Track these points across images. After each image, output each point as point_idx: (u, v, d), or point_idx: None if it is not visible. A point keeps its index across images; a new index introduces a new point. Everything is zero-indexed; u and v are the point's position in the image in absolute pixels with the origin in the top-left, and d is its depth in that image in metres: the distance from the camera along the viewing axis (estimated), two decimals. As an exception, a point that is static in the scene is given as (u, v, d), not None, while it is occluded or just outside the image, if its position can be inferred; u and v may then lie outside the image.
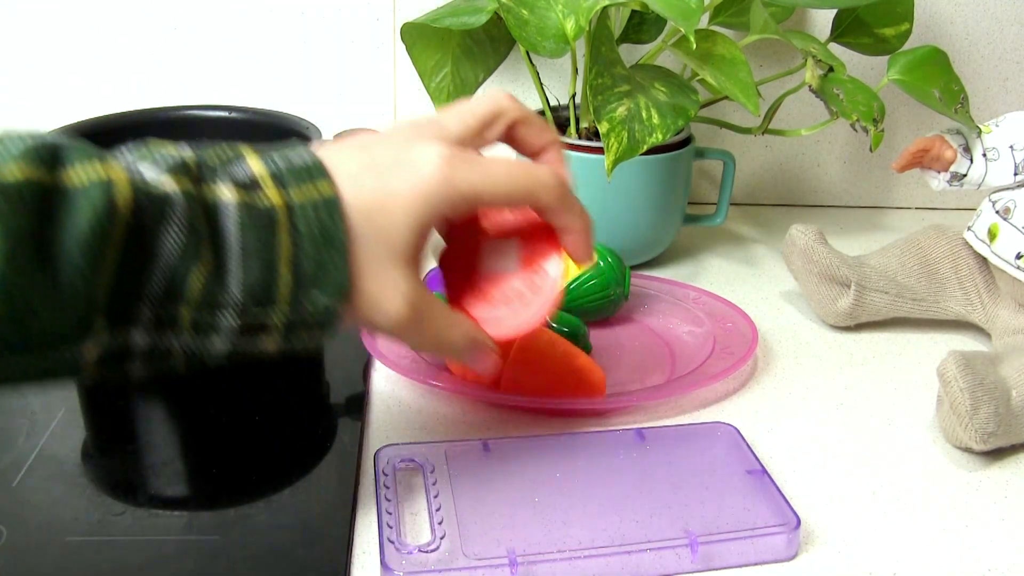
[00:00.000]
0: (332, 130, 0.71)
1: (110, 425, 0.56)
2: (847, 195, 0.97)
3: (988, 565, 0.46)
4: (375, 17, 0.86)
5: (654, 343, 0.65)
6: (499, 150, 0.43)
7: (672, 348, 0.64)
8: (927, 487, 0.52)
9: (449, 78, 0.87)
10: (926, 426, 0.57)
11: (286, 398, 0.47)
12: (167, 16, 0.85)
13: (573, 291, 0.64)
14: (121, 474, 0.51)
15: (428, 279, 0.62)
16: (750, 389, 0.61)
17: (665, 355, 0.63)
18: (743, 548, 0.45)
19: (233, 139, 0.72)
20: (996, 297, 0.66)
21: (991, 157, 0.66)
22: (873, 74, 0.88)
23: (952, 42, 0.90)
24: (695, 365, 0.60)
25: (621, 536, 0.45)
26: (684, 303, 0.69)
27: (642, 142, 0.62)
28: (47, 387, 0.58)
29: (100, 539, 0.45)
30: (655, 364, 0.62)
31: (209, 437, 0.55)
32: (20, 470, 0.50)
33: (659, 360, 0.63)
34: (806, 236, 0.68)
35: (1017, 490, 0.52)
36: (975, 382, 0.52)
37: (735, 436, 0.53)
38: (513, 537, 0.44)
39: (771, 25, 0.68)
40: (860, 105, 0.67)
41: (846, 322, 0.68)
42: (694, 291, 0.71)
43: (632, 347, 0.64)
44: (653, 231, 0.77)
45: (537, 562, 0.43)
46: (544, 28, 0.69)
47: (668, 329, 0.67)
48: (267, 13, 0.85)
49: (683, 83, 0.68)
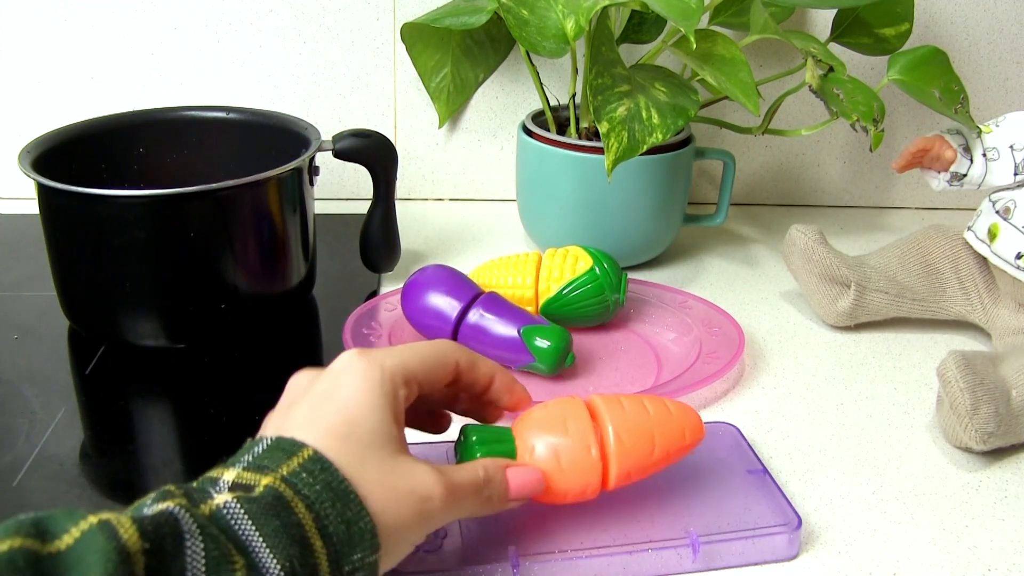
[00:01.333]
0: (331, 130, 0.71)
1: (110, 425, 0.56)
2: (847, 195, 0.97)
3: (988, 565, 0.46)
4: (375, 17, 0.86)
5: (641, 349, 0.65)
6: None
7: (658, 354, 0.64)
8: (927, 487, 0.52)
9: (449, 78, 0.88)
10: (926, 426, 0.57)
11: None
12: (167, 16, 0.85)
13: (568, 297, 0.64)
14: (121, 474, 0.51)
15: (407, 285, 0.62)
16: (750, 389, 0.61)
17: (651, 361, 0.63)
18: (744, 548, 0.45)
19: (233, 139, 0.72)
20: (996, 297, 0.66)
21: (991, 157, 0.66)
22: (873, 74, 0.89)
23: (952, 42, 0.90)
24: (680, 372, 0.60)
25: (622, 536, 0.45)
26: (672, 308, 0.69)
27: (642, 142, 0.62)
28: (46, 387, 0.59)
29: (100, 539, 0.45)
30: (641, 371, 0.62)
31: (209, 437, 0.55)
32: (20, 470, 0.50)
33: (645, 367, 0.63)
34: (806, 236, 0.68)
35: (1017, 490, 0.52)
36: (975, 382, 0.52)
37: (736, 436, 0.53)
38: (514, 537, 0.44)
39: (771, 25, 0.68)
40: (860, 105, 0.67)
41: (846, 322, 0.68)
42: (682, 295, 0.71)
43: (618, 353, 0.64)
44: (653, 231, 0.77)
45: (538, 562, 0.43)
46: (544, 28, 0.69)
47: (655, 335, 0.67)
48: (267, 13, 0.85)
49: (683, 83, 0.68)
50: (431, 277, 0.62)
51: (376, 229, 0.71)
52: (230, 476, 0.35)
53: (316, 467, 0.35)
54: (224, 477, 0.35)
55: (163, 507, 0.32)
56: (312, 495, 0.35)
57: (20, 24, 0.84)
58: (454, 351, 0.43)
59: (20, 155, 0.61)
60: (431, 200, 0.94)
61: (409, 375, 0.40)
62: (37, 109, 0.87)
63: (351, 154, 0.68)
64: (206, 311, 0.61)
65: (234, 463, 0.36)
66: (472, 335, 0.59)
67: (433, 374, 0.42)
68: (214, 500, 0.34)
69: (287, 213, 0.64)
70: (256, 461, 0.36)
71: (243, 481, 0.35)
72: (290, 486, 0.35)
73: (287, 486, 0.35)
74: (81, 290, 0.62)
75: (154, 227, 0.58)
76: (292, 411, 0.39)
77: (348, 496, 0.35)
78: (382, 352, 0.40)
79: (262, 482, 0.35)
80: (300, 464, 0.36)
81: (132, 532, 0.30)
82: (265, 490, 0.34)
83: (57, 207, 0.60)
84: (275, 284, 0.65)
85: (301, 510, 0.34)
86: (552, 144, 0.73)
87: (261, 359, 0.63)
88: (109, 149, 0.69)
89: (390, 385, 0.39)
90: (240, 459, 0.36)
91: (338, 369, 0.40)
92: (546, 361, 0.58)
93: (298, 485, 0.35)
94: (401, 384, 0.40)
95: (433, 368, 0.42)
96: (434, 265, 0.63)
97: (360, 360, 0.39)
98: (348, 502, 0.35)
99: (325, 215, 0.81)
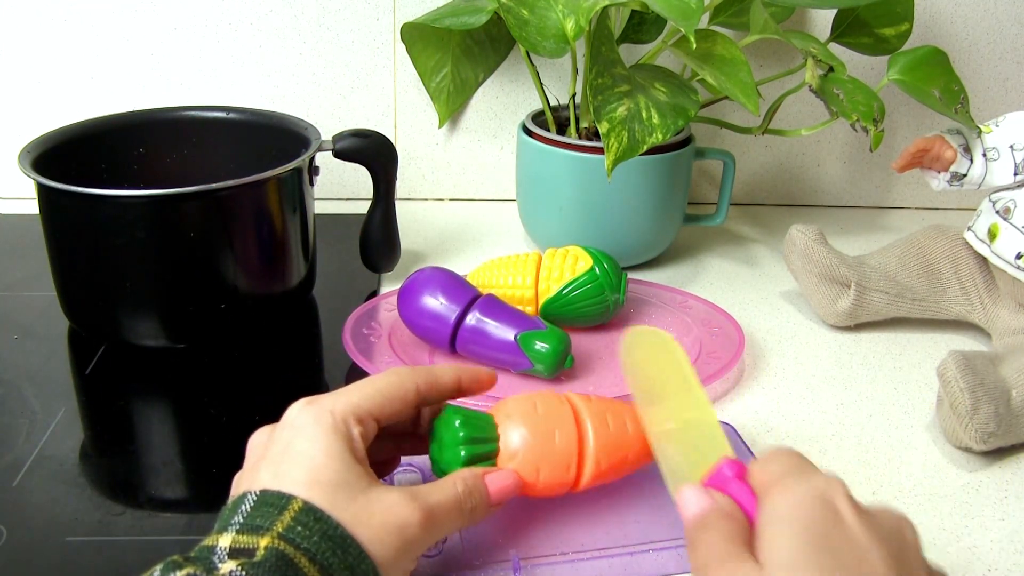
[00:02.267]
0: (331, 130, 0.71)
1: (110, 425, 0.56)
2: (847, 195, 0.97)
3: (988, 565, 0.46)
4: (375, 17, 0.86)
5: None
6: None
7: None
8: (927, 487, 0.52)
9: (449, 78, 0.88)
10: (926, 426, 0.57)
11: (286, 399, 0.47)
12: (167, 16, 0.85)
13: (568, 297, 0.63)
14: (121, 474, 0.51)
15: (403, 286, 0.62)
16: (750, 389, 0.61)
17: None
18: (743, 548, 0.45)
19: (233, 139, 0.72)
20: (996, 297, 0.66)
21: (991, 157, 0.66)
22: (873, 74, 0.88)
23: (952, 42, 0.90)
24: None
25: (623, 537, 0.45)
26: (672, 308, 0.69)
27: (642, 142, 0.62)
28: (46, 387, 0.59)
29: (100, 539, 0.45)
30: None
31: (209, 437, 0.55)
32: (20, 470, 0.50)
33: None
34: (806, 236, 0.68)
35: (1017, 490, 0.52)
36: (975, 382, 0.52)
37: (732, 435, 0.53)
38: (515, 541, 0.44)
39: (771, 25, 0.68)
40: (860, 105, 0.67)
41: (846, 322, 0.68)
42: (682, 295, 0.71)
43: (617, 354, 0.64)
44: (653, 231, 0.77)
45: (540, 564, 0.43)
46: (544, 28, 0.69)
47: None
48: (267, 13, 0.85)
49: (683, 83, 0.68)
50: (428, 280, 0.61)
51: (376, 229, 0.71)
52: (226, 542, 0.35)
53: (309, 518, 0.36)
54: (220, 544, 0.35)
55: (187, 572, 0.33)
56: (312, 547, 0.35)
57: (20, 24, 0.84)
58: (409, 377, 0.43)
59: (20, 155, 0.61)
60: (431, 200, 0.94)
61: (362, 413, 0.40)
62: (37, 109, 0.87)
63: (351, 154, 0.68)
64: (206, 311, 0.61)
65: (225, 527, 0.36)
66: (470, 339, 0.59)
67: (390, 406, 0.42)
68: (219, 571, 0.34)
69: (287, 213, 0.64)
70: (248, 521, 0.36)
71: (241, 545, 0.35)
72: (289, 542, 0.35)
73: (286, 543, 0.35)
74: (81, 290, 0.62)
75: (154, 227, 0.58)
76: (257, 471, 0.39)
77: (346, 542, 0.36)
78: (331, 396, 0.41)
79: (261, 544, 0.35)
80: (293, 517, 0.36)
81: None
82: (267, 552, 0.34)
83: (57, 207, 0.60)
84: (275, 284, 0.65)
85: (305, 564, 0.35)
86: (552, 144, 0.73)
87: (261, 359, 0.63)
88: (109, 149, 0.69)
89: (343, 426, 0.39)
90: (230, 522, 0.36)
91: (290, 422, 0.40)
92: (545, 364, 0.58)
93: (296, 540, 0.35)
94: (354, 423, 0.40)
95: (390, 399, 0.42)
96: (430, 267, 0.63)
97: (309, 409, 0.40)
98: (347, 548, 0.36)
99: (325, 215, 0.81)
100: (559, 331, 0.59)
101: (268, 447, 0.40)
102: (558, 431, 0.44)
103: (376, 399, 0.41)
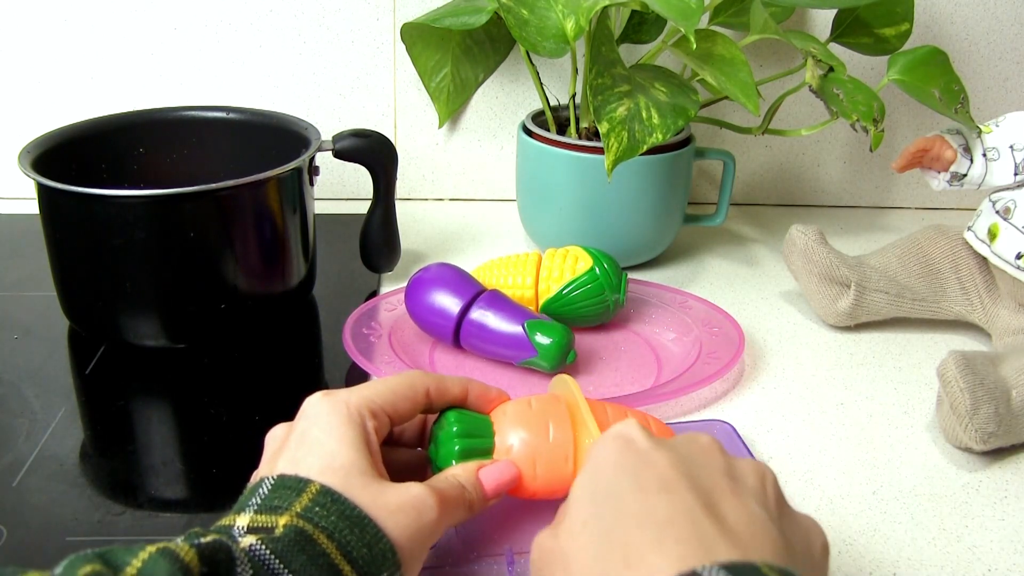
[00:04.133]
0: (331, 130, 0.71)
1: (110, 425, 0.56)
2: (847, 195, 0.97)
3: (988, 565, 0.46)
4: (375, 17, 0.86)
5: (641, 349, 0.65)
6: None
7: (658, 354, 0.64)
8: (927, 487, 0.52)
9: (449, 78, 0.88)
10: (926, 426, 0.57)
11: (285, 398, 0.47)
12: (167, 16, 0.85)
13: (568, 297, 0.64)
14: (121, 474, 0.51)
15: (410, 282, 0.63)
16: (749, 389, 0.61)
17: (651, 362, 0.63)
18: (743, 548, 0.45)
19: (233, 139, 0.72)
20: (996, 297, 0.66)
21: (991, 157, 0.66)
22: (873, 74, 0.89)
23: (952, 42, 0.90)
24: (680, 372, 0.60)
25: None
26: (672, 308, 0.69)
27: (642, 142, 0.62)
28: (46, 387, 0.59)
29: (100, 539, 0.45)
30: (641, 371, 0.62)
31: (209, 437, 0.55)
32: (20, 470, 0.50)
33: (645, 367, 0.63)
34: (806, 236, 0.68)
35: (1017, 490, 0.52)
36: (975, 382, 0.52)
37: (731, 434, 0.53)
38: (510, 535, 0.44)
39: (771, 25, 0.68)
40: (860, 105, 0.67)
41: (846, 322, 0.68)
42: (682, 295, 0.71)
43: (618, 353, 0.64)
44: (653, 231, 0.77)
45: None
46: (544, 28, 0.69)
47: (655, 335, 0.67)
48: (267, 13, 0.85)
49: (683, 83, 0.68)
50: (435, 275, 0.62)
51: (376, 229, 0.71)
52: (244, 521, 0.36)
53: (327, 499, 0.36)
54: (238, 523, 0.36)
55: (212, 538, 0.34)
56: (330, 526, 0.36)
57: (20, 24, 0.84)
58: (422, 380, 0.44)
59: (20, 155, 0.61)
60: (431, 200, 0.94)
61: (376, 407, 0.41)
62: (37, 109, 0.87)
63: (351, 154, 0.68)
64: (206, 311, 0.61)
65: (243, 508, 0.37)
66: (474, 332, 0.60)
67: (402, 404, 0.43)
68: (240, 544, 0.34)
69: (287, 213, 0.64)
70: (266, 503, 0.37)
71: (260, 524, 0.36)
72: (308, 520, 0.36)
73: (305, 521, 0.36)
74: (81, 290, 0.62)
75: (154, 227, 0.58)
76: (275, 461, 0.39)
77: (363, 521, 0.36)
78: (347, 391, 0.42)
79: (280, 522, 0.35)
80: (311, 499, 0.36)
81: (192, 555, 0.32)
82: (286, 529, 0.35)
83: (57, 207, 0.60)
84: (275, 284, 0.65)
85: (324, 541, 0.35)
86: (552, 144, 0.73)
87: (261, 359, 0.63)
88: (109, 149, 0.69)
89: (358, 417, 0.40)
90: (248, 503, 0.37)
91: (307, 413, 0.41)
92: (548, 357, 0.58)
93: (315, 519, 0.36)
94: (369, 416, 0.41)
95: (402, 398, 0.43)
96: (438, 263, 0.64)
97: (325, 400, 0.41)
98: (364, 527, 0.36)
99: (325, 215, 0.81)
100: (563, 326, 0.59)
101: (286, 439, 0.40)
102: (553, 425, 0.44)
103: (389, 397, 0.42)
